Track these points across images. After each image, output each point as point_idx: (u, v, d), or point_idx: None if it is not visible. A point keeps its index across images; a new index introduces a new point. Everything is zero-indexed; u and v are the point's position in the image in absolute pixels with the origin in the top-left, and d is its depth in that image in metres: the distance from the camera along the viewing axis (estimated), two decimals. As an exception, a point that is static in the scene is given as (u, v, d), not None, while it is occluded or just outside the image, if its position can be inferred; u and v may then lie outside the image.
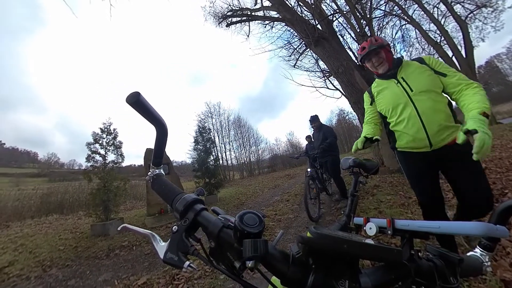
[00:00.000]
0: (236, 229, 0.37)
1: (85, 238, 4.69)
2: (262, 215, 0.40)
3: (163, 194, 0.50)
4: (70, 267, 3.23)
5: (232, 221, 0.41)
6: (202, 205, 0.46)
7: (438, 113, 1.41)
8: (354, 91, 6.42)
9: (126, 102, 0.42)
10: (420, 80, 1.48)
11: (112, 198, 5.54)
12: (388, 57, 1.60)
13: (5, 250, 4.41)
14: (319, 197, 3.93)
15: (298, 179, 10.41)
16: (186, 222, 0.42)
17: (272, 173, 20.22)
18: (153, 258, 3.18)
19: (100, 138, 5.98)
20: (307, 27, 7.15)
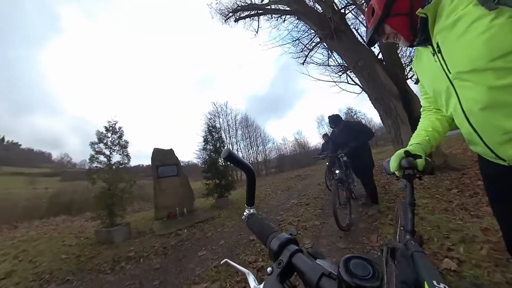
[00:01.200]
0: (341, 280, 0.29)
1: (89, 246, 4.36)
2: (376, 264, 0.31)
3: (258, 232, 0.50)
4: (70, 282, 2.84)
5: (334, 268, 0.34)
6: (297, 245, 0.42)
7: (502, 108, 0.72)
8: (376, 86, 5.97)
9: (221, 157, 0.59)
10: (462, 46, 0.75)
11: (117, 202, 5.18)
12: (400, 25, 0.93)
13: (6, 257, 4.10)
14: (350, 202, 3.45)
15: (311, 180, 9.94)
16: (280, 264, 0.39)
17: (280, 173, 19.78)
18: (164, 275, 2.77)
19: (104, 137, 5.61)
20: (322, 20, 6.76)
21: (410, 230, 0.92)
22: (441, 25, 0.80)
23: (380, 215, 3.49)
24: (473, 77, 0.74)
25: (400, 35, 0.95)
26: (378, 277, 0.29)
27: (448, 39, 0.79)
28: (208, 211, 6.53)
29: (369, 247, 2.62)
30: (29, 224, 7.98)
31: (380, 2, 0.94)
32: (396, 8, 0.91)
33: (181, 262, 3.08)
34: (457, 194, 3.49)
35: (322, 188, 6.99)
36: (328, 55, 9.47)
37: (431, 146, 1.05)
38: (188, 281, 2.50)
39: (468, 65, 0.74)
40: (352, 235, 3.05)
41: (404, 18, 0.91)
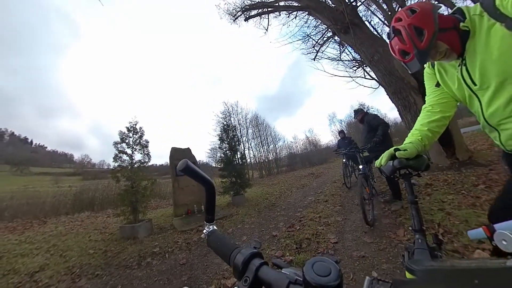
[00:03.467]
0: (307, 284, 0.30)
1: (114, 241, 4.39)
2: (335, 261, 0.33)
3: (219, 251, 0.47)
4: (100, 277, 2.85)
5: (299, 274, 0.34)
6: (261, 259, 0.40)
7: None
8: (393, 80, 5.74)
9: (177, 169, 0.45)
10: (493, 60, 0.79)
11: (140, 199, 5.23)
12: (453, 39, 0.87)
13: (39, 251, 4.20)
14: (372, 198, 3.44)
15: (326, 178, 9.75)
16: (246, 281, 0.37)
17: (292, 172, 19.56)
18: (191, 270, 2.73)
19: (126, 137, 5.70)
20: (335, 14, 6.54)
21: (418, 229, 0.90)
22: (474, 41, 0.83)
23: (403, 210, 3.40)
24: (496, 90, 0.82)
25: (453, 51, 0.90)
26: (338, 273, 0.30)
27: (477, 53, 0.83)
28: (225, 208, 6.50)
29: (397, 241, 2.58)
30: (57, 219, 8.20)
31: (427, 19, 0.86)
32: (444, 23, 0.87)
33: (206, 257, 3.03)
34: (485, 190, 3.35)
35: (338, 186, 6.84)
36: (340, 50, 9.22)
37: (424, 145, 1.05)
38: (217, 275, 2.44)
39: (493, 79, 0.81)
40: (377, 230, 2.99)
41: (454, 32, 0.87)
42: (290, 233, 3.42)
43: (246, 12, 8.76)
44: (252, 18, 8.91)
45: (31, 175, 55.67)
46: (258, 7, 8.66)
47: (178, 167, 0.45)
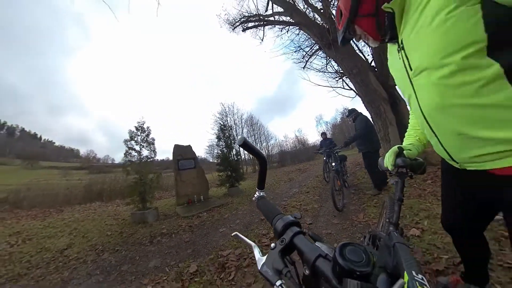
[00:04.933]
0: (336, 262, 0.30)
1: (127, 225, 4.70)
2: (370, 252, 0.32)
3: (265, 212, 0.50)
4: (119, 252, 3.19)
5: (330, 251, 0.36)
6: (299, 228, 0.43)
7: (455, 109, 0.62)
8: (368, 91, 6.13)
9: (237, 144, 0.46)
10: (421, 41, 0.64)
11: (147, 190, 5.54)
12: (368, 25, 0.81)
13: (63, 234, 4.49)
14: (343, 189, 3.85)
15: (310, 173, 10.18)
16: (283, 242, 0.40)
17: (282, 167, 19.95)
18: (194, 245, 3.08)
19: (135, 136, 5.97)
20: (322, 31, 6.92)
21: (394, 223, 0.89)
22: (407, 19, 0.67)
23: (367, 199, 3.84)
24: (429, 75, 0.63)
25: (369, 36, 0.84)
26: (369, 263, 0.30)
27: (411, 34, 0.66)
28: (221, 198, 6.84)
29: (357, 222, 2.98)
30: (72, 208, 8.41)
31: (346, 4, 0.82)
32: (363, 10, 0.79)
33: (206, 236, 3.39)
34: (430, 184, 3.79)
35: (320, 180, 7.25)
36: (326, 62, 9.63)
37: (423, 145, 1.00)
38: (215, 249, 2.79)
39: (424, 61, 0.63)
40: (344, 215, 3.42)
41: (371, 19, 0.79)
42: None
43: (244, 24, 9.02)
44: (249, 29, 9.19)
45: (41, 169, 54.60)
46: (255, 20, 8.94)
47: (238, 141, 0.47)
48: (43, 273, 2.76)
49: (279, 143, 31.65)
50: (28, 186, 11.80)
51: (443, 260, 1.72)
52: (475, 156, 0.65)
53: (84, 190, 11.40)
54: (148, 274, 2.41)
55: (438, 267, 1.65)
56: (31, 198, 9.65)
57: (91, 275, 2.57)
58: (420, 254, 1.88)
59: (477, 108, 0.57)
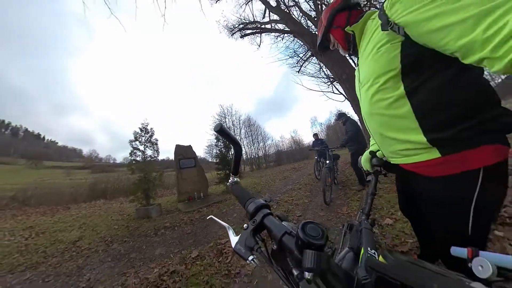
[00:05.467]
0: (298, 237, 0.34)
1: (132, 220, 4.90)
2: (325, 228, 0.36)
3: (239, 196, 0.53)
4: (127, 242, 3.41)
5: (294, 228, 0.40)
6: (269, 210, 0.46)
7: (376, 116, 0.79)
8: (356, 96, 6.35)
9: (214, 130, 0.48)
10: (365, 63, 0.79)
11: (151, 187, 5.74)
12: (339, 36, 0.96)
13: (73, 228, 4.69)
14: (332, 185, 4.08)
15: (304, 171, 10.40)
16: (254, 222, 0.43)
17: (278, 166, 20.21)
18: (195, 236, 3.31)
19: (139, 136, 6.18)
20: (314, 39, 7.17)
21: (366, 213, 0.98)
22: (362, 43, 0.82)
23: (352, 194, 4.09)
24: (365, 89, 0.79)
25: (339, 45, 0.98)
26: (323, 236, 0.33)
27: (362, 55, 0.81)
28: (220, 195, 7.03)
29: (340, 214, 3.24)
30: (78, 206, 8.57)
31: (325, 15, 0.98)
32: (336, 22, 0.95)
33: (206, 228, 3.62)
34: None
35: (312, 177, 7.48)
36: (320, 68, 9.86)
37: None
38: (214, 238, 3.03)
39: (365, 78, 0.78)
40: (330, 208, 3.66)
41: (341, 31, 0.92)
42: None
43: (242, 31, 9.16)
44: (247, 36, 9.34)
45: (44, 168, 54.23)
46: (252, 28, 9.11)
47: (214, 128, 0.48)
48: (59, 261, 2.98)
49: (276, 143, 31.79)
50: (34, 185, 11.88)
51: (409, 243, 1.97)
52: (391, 152, 0.80)
53: (89, 189, 11.50)
54: (155, 260, 2.65)
55: (403, 249, 1.90)
56: (38, 196, 9.77)
57: (103, 262, 2.80)
58: (390, 239, 2.11)
59: (389, 117, 0.72)
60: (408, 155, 0.73)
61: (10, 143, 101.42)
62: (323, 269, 0.30)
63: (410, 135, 0.68)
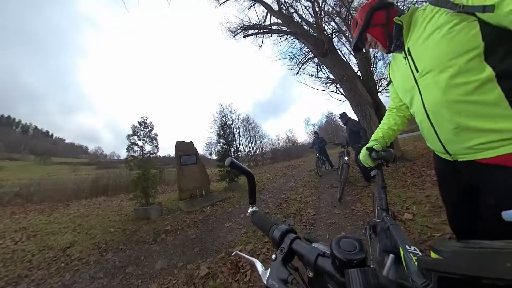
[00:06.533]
0: (334, 257, 0.28)
1: (130, 221, 4.28)
2: (360, 240, 0.30)
3: (261, 225, 0.47)
4: (123, 251, 2.79)
5: (327, 248, 0.33)
6: (295, 234, 0.40)
7: (454, 104, 0.65)
8: (356, 96, 6.20)
9: (225, 164, 0.45)
10: (428, 47, 0.68)
11: (150, 185, 5.11)
12: (378, 33, 0.87)
13: (67, 230, 4.03)
14: (346, 181, 3.68)
15: (302, 168, 9.95)
16: (282, 251, 0.37)
17: (274, 164, 19.65)
18: (201, 243, 2.73)
19: (138, 131, 5.43)
20: (317, 41, 6.81)
21: (385, 208, 0.90)
22: (413, 32, 0.75)
23: (360, 190, 3.76)
24: (434, 76, 0.68)
25: (379, 43, 0.88)
26: (363, 250, 0.28)
27: (418, 43, 0.72)
28: (222, 192, 6.50)
29: (356, 211, 2.89)
30: (78, 203, 7.86)
31: (362, 15, 0.90)
32: (375, 20, 0.87)
33: (212, 232, 3.05)
34: (410, 176, 3.84)
35: (312, 174, 7.03)
36: (318, 69, 9.49)
37: (385, 142, 1.04)
38: (224, 245, 2.46)
39: (431, 64, 0.68)
40: (343, 205, 3.28)
41: (382, 28, 0.85)
42: (279, 210, 3.55)
43: (245, 31, 8.84)
44: (250, 36, 9.04)
45: (52, 164, 52.58)
46: (256, 28, 8.80)
47: (226, 163, 0.45)
48: (44, 275, 2.36)
49: (272, 142, 31.40)
50: (39, 180, 11.05)
51: (436, 237, 1.82)
52: (468, 146, 0.67)
53: (91, 185, 10.78)
54: (156, 277, 2.05)
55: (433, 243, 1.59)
56: (41, 193, 9.01)
57: (94, 278, 2.19)
58: (416, 234, 1.92)
59: (473, 104, 0.61)
60: (495, 146, 0.61)
61: (21, 140, 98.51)
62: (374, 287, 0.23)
63: (502, 123, 0.57)
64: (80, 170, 31.90)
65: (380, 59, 9.53)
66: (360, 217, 2.65)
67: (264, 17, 8.64)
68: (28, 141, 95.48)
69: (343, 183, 3.42)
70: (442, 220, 2.00)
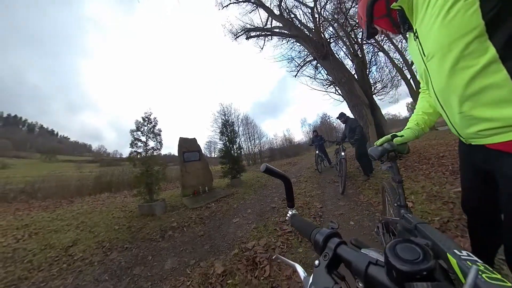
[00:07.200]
0: (390, 266, 0.22)
1: (135, 218, 4.00)
2: (422, 244, 0.23)
3: (301, 229, 0.43)
4: (129, 250, 2.54)
5: (380, 255, 0.26)
6: (339, 238, 0.34)
7: (458, 89, 0.58)
8: (353, 97, 6.24)
9: (261, 170, 0.43)
10: (431, 30, 0.60)
11: (154, 181, 4.84)
12: (384, 24, 0.81)
13: (70, 227, 3.74)
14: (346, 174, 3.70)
15: (301, 165, 9.80)
16: (326, 256, 0.31)
17: (273, 161, 19.47)
18: (211, 239, 2.51)
19: (141, 126, 5.13)
20: (317, 44, 6.73)
21: (403, 205, 0.81)
22: (416, 14, 0.67)
23: (361, 183, 3.78)
24: (438, 60, 0.61)
25: (388, 31, 0.83)
26: (429, 258, 0.21)
27: (422, 26, 0.64)
28: (225, 189, 6.27)
29: (360, 202, 2.89)
30: (82, 199, 7.51)
31: (362, 10, 0.84)
32: (376, 13, 0.80)
33: (220, 228, 2.84)
34: (404, 171, 3.82)
35: (312, 171, 6.89)
36: (315, 72, 9.43)
37: (422, 129, 0.89)
38: (236, 241, 2.26)
39: (434, 49, 0.61)
40: (346, 197, 3.27)
41: (386, 19, 0.79)
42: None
43: (247, 33, 8.67)
44: (252, 38, 8.89)
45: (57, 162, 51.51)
46: (258, 31, 8.67)
47: (261, 169, 0.43)
48: (45, 278, 2.10)
49: (270, 141, 31.21)
50: (44, 177, 10.63)
51: (436, 221, 1.84)
52: (475, 132, 0.62)
53: (94, 182, 10.40)
54: (166, 278, 1.81)
55: (434, 226, 1.72)
56: (45, 189, 8.62)
57: (99, 281, 1.94)
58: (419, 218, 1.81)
59: (477, 89, 0.55)
60: (500, 132, 0.55)
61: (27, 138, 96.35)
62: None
63: (506, 109, 0.51)
64: (84, 168, 31.21)
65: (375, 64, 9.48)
66: (364, 208, 2.65)
67: (265, 21, 8.59)
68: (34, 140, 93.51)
69: (343, 177, 3.41)
70: (438, 206, 2.12)
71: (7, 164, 32.55)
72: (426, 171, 3.42)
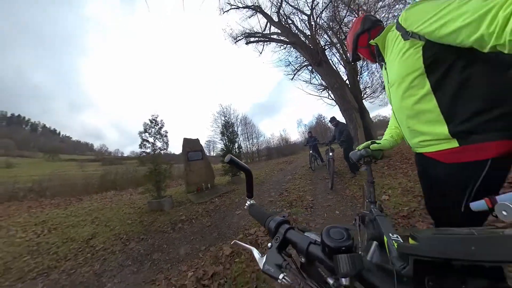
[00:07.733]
0: (324, 244, 0.29)
1: (145, 213, 4.16)
2: (348, 229, 0.30)
3: (258, 217, 0.47)
4: (145, 240, 2.74)
5: (318, 237, 0.33)
6: (289, 225, 0.40)
7: (406, 111, 0.76)
8: (344, 102, 6.45)
9: (225, 161, 0.44)
10: (392, 66, 0.79)
11: (162, 179, 5.01)
12: (365, 53, 0.99)
13: (85, 222, 3.89)
14: (334, 172, 4.03)
15: (296, 164, 10.04)
16: (277, 239, 0.37)
17: (270, 160, 19.65)
18: (217, 229, 2.73)
19: (149, 128, 5.28)
20: (312, 51, 6.91)
21: (372, 201, 0.90)
22: (386, 51, 0.83)
23: (348, 180, 4.09)
24: (395, 88, 0.77)
25: (367, 59, 1.02)
26: (350, 238, 0.29)
27: (389, 60, 0.81)
28: (226, 185, 6.46)
29: (346, 196, 3.21)
30: (90, 197, 7.58)
31: (350, 40, 1.02)
32: (360, 43, 0.98)
33: (225, 219, 3.05)
34: (386, 169, 4.17)
35: (306, 169, 7.13)
36: (311, 76, 9.62)
37: (395, 140, 1.02)
38: (240, 228, 2.50)
39: (394, 79, 0.77)
40: (335, 192, 3.57)
41: (366, 49, 0.96)
42: (282, 198, 3.66)
43: (247, 38, 8.76)
44: (251, 43, 9.00)
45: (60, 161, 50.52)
46: (257, 36, 8.77)
47: (226, 159, 0.45)
48: (73, 266, 2.28)
49: (267, 140, 31.44)
50: (50, 176, 10.58)
51: (405, 210, 2.15)
52: (417, 142, 0.76)
53: (100, 180, 10.41)
54: (183, 260, 2.03)
55: (403, 214, 2.09)
56: (53, 188, 8.62)
57: (123, 266, 2.13)
58: (391, 209, 2.29)
59: (417, 111, 0.71)
60: (431, 144, 0.71)
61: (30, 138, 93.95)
62: (358, 271, 0.25)
63: (435, 128, 0.67)
64: (87, 167, 30.75)
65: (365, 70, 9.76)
66: (349, 200, 2.99)
67: (264, 26, 8.61)
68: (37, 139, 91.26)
69: (331, 174, 3.77)
70: (409, 199, 2.44)
71: (12, 164, 31.91)
72: (405, 170, 3.74)
